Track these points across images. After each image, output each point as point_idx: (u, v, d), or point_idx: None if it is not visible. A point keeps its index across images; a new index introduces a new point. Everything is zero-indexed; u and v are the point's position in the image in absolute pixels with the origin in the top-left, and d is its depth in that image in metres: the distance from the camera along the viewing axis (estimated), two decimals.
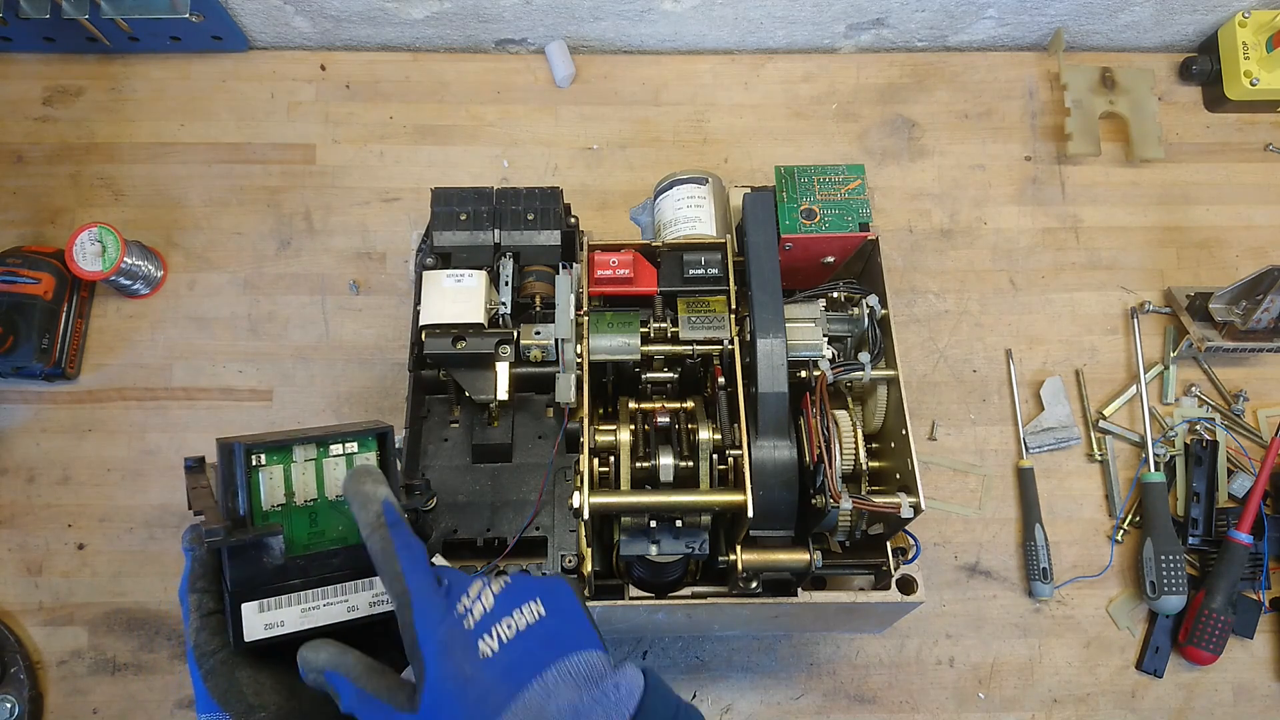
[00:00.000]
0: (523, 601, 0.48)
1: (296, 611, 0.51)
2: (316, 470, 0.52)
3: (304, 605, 0.51)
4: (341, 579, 0.52)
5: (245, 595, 0.49)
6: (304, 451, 0.52)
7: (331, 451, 0.53)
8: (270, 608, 0.50)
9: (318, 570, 0.51)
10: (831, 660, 0.87)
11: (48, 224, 0.97)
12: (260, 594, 0.50)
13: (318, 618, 0.51)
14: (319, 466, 0.53)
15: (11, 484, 0.90)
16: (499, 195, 0.77)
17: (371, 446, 0.54)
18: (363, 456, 0.53)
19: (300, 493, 0.52)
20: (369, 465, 0.54)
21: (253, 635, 0.49)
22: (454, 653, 0.45)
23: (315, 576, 0.51)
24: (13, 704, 0.82)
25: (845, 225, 0.75)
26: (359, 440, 0.53)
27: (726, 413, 0.70)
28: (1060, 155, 1.03)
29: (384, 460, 0.54)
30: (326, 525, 0.53)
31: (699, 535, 0.67)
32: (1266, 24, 1.00)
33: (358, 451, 0.53)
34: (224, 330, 0.95)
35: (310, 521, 0.52)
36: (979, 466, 0.93)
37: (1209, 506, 0.89)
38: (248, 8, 0.98)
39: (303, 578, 0.51)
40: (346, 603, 0.52)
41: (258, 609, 0.50)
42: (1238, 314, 0.91)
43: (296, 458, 0.52)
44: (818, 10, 1.01)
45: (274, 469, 0.52)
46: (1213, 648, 0.85)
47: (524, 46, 1.06)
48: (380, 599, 0.53)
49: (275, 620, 0.50)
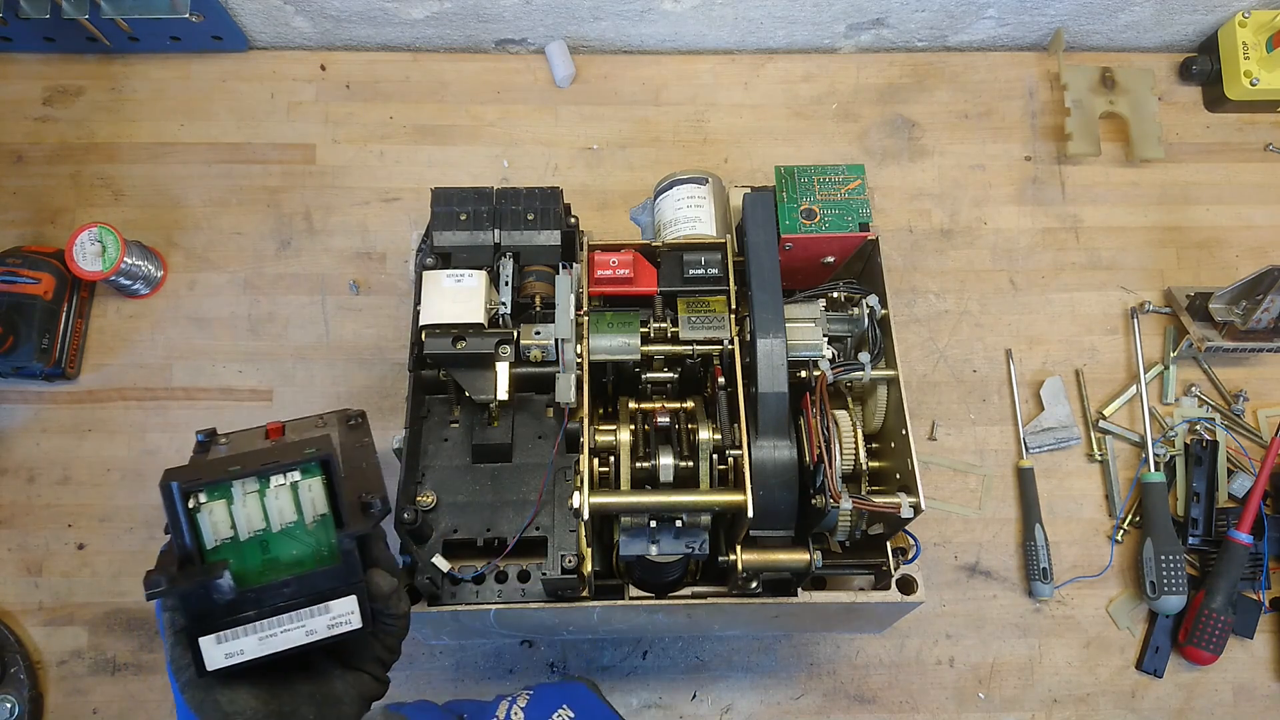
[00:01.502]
0: (552, 711, 0.52)
1: (255, 640, 0.51)
2: (260, 501, 0.51)
3: (261, 634, 0.51)
4: (296, 606, 0.52)
5: (201, 630, 0.50)
6: (244, 486, 0.51)
7: (273, 483, 0.52)
8: (228, 639, 0.50)
9: (271, 600, 0.51)
10: (831, 660, 0.87)
11: (48, 224, 0.97)
12: (216, 627, 0.50)
13: (277, 644, 0.51)
14: (261, 497, 0.52)
15: (11, 484, 0.90)
16: (499, 195, 0.77)
17: (315, 473, 0.52)
18: (307, 484, 0.52)
19: (246, 526, 0.51)
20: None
21: (214, 665, 0.50)
22: None
23: (269, 606, 0.51)
24: (13, 704, 0.82)
25: (845, 225, 0.75)
26: (302, 469, 0.52)
27: (726, 413, 0.70)
28: (1060, 155, 1.03)
29: (331, 487, 0.52)
30: (280, 551, 0.52)
31: (699, 535, 0.67)
32: (1266, 24, 1.00)
33: (301, 479, 0.52)
34: (224, 330, 0.95)
35: (262, 549, 0.52)
36: (979, 466, 0.93)
37: (1209, 506, 0.89)
38: (248, 8, 0.98)
39: (256, 609, 0.51)
40: (304, 627, 0.52)
41: (215, 641, 0.50)
42: (1238, 314, 0.91)
43: (236, 494, 0.51)
44: (818, 10, 1.01)
45: (215, 505, 0.51)
46: (1213, 648, 0.85)
47: (524, 46, 1.06)
48: (338, 621, 0.53)
49: (235, 650, 0.51)
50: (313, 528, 0.53)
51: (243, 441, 0.62)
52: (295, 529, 0.52)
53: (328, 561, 0.53)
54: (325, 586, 0.52)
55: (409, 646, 0.85)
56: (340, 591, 0.52)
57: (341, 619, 0.53)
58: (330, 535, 0.53)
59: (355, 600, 0.53)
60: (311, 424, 0.65)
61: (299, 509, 0.52)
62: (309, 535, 0.53)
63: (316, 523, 0.53)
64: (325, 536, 0.53)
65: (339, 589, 0.52)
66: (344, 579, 0.52)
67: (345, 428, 0.65)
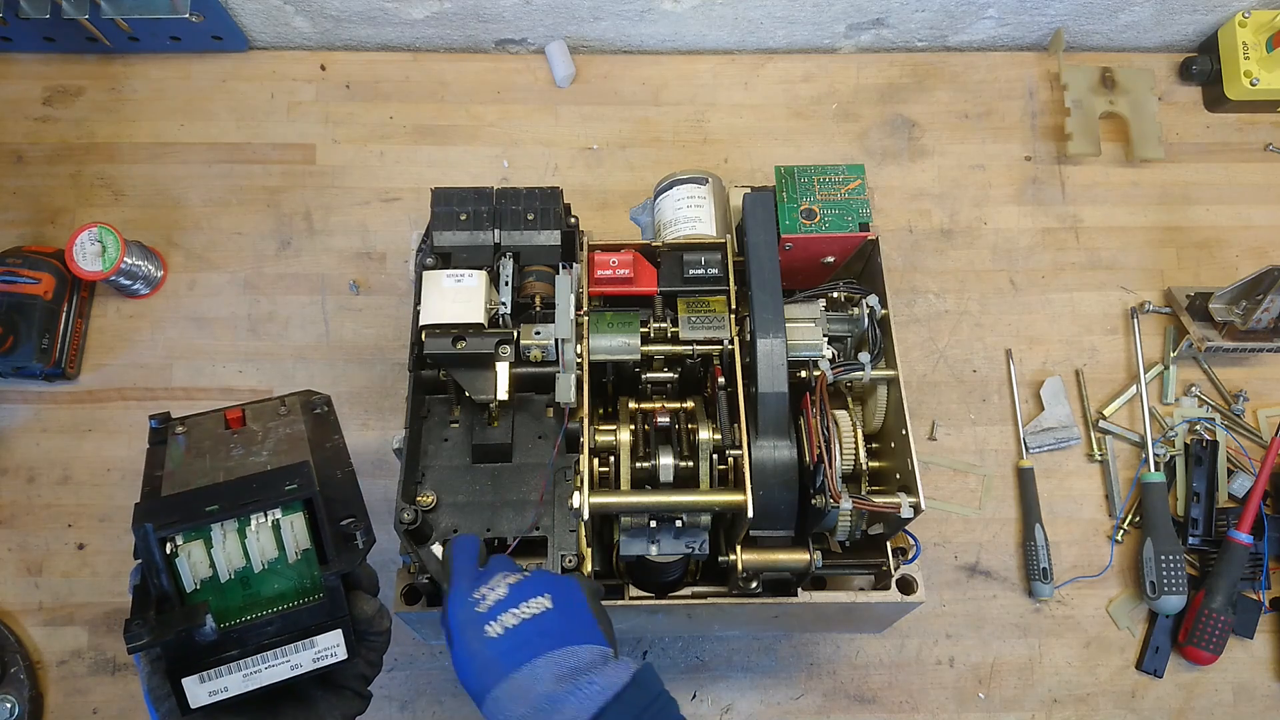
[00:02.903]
0: (533, 595, 0.54)
1: (239, 677, 0.50)
2: (240, 542, 0.50)
3: (245, 671, 0.50)
4: (281, 644, 0.51)
5: (183, 671, 0.49)
6: (223, 528, 0.50)
7: (254, 522, 0.50)
8: (211, 678, 0.49)
9: (255, 638, 0.50)
10: (831, 660, 0.87)
11: (48, 224, 0.97)
12: (199, 668, 0.49)
13: (262, 679, 0.50)
14: (242, 539, 0.50)
15: (11, 484, 0.90)
16: (499, 195, 0.77)
17: (297, 509, 0.51)
18: (289, 521, 0.51)
19: (226, 566, 0.50)
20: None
21: (198, 703, 0.49)
22: (466, 630, 0.52)
23: (253, 645, 0.50)
24: (13, 704, 0.82)
25: (845, 225, 0.75)
26: (283, 507, 0.51)
27: (726, 413, 0.70)
28: (1060, 155, 1.03)
29: (314, 525, 0.52)
30: (262, 587, 0.51)
31: (699, 535, 0.67)
32: (1266, 24, 1.00)
33: (283, 516, 0.51)
34: (224, 330, 0.95)
35: (243, 586, 0.51)
36: (979, 466, 0.93)
37: (1209, 506, 0.89)
38: (248, 8, 0.98)
39: (239, 648, 0.50)
40: (289, 662, 0.51)
41: (199, 680, 0.49)
42: (1238, 314, 0.91)
43: (215, 536, 0.50)
44: (818, 10, 1.01)
45: (193, 547, 0.49)
46: (1213, 648, 0.85)
47: (524, 46, 1.06)
48: (323, 655, 0.52)
49: (219, 688, 0.50)
50: (295, 563, 0.52)
51: (201, 431, 0.60)
52: (277, 564, 0.51)
53: (311, 594, 0.52)
54: (309, 623, 0.51)
55: (410, 647, 0.85)
56: (325, 626, 0.52)
57: (327, 652, 0.52)
58: (313, 568, 0.52)
59: (340, 634, 0.52)
60: (273, 410, 0.63)
61: (280, 547, 0.51)
62: (291, 570, 0.52)
63: (299, 558, 0.52)
64: (308, 569, 0.52)
65: (324, 624, 0.52)
66: (329, 614, 0.52)
67: (310, 416, 0.63)
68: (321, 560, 0.52)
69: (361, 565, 0.55)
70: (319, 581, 0.52)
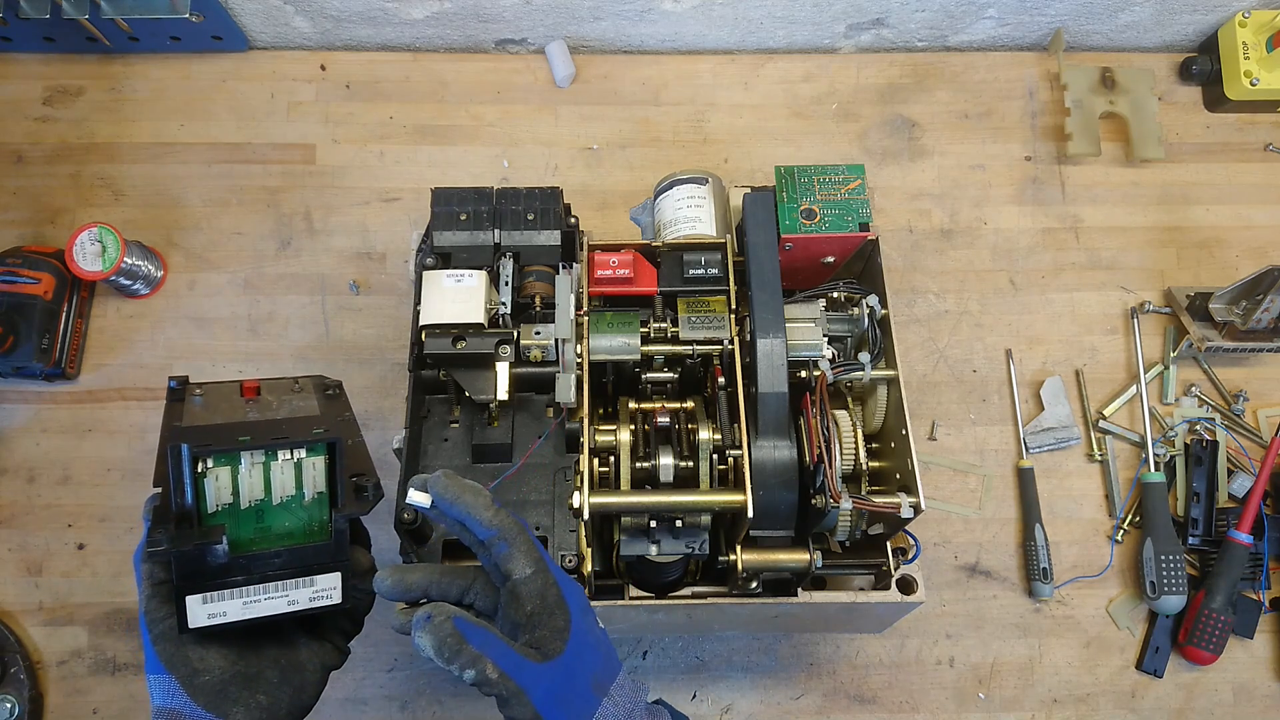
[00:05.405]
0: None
1: (239, 604, 0.52)
2: (264, 473, 0.53)
3: (246, 599, 0.52)
4: (283, 577, 0.53)
5: (190, 589, 0.51)
6: (252, 458, 0.53)
7: (280, 457, 0.53)
8: (213, 600, 0.52)
9: (260, 568, 0.53)
10: (831, 660, 0.87)
11: (48, 224, 0.97)
12: (204, 588, 0.51)
13: (259, 609, 0.53)
14: (266, 469, 0.53)
15: (11, 484, 0.90)
16: (499, 195, 0.77)
17: (320, 452, 0.54)
18: (311, 462, 0.54)
19: (247, 495, 0.53)
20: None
21: (196, 623, 0.51)
22: (588, 614, 0.54)
23: (258, 574, 0.52)
24: (13, 704, 0.82)
25: (845, 225, 0.75)
26: (308, 448, 0.54)
27: (726, 413, 0.70)
28: (1060, 155, 1.03)
29: (331, 469, 0.54)
30: (274, 522, 0.54)
31: (699, 535, 0.67)
32: (1266, 24, 1.00)
33: (306, 457, 0.54)
34: (224, 330, 0.95)
35: (256, 518, 0.53)
36: (979, 466, 0.93)
37: (1209, 506, 0.89)
38: (248, 8, 0.98)
39: (245, 575, 0.52)
40: (288, 597, 0.53)
41: (201, 601, 0.51)
42: (1238, 314, 0.91)
43: (244, 464, 0.53)
44: (818, 10, 1.01)
45: (220, 471, 0.52)
46: (1213, 648, 0.85)
47: (524, 46, 1.06)
48: (320, 595, 0.54)
49: (218, 611, 0.52)
50: (309, 504, 0.54)
51: (217, 396, 0.63)
52: (292, 502, 0.54)
53: (318, 537, 0.54)
54: (313, 561, 0.54)
55: (410, 647, 0.85)
56: (327, 567, 0.54)
57: (323, 593, 0.54)
58: (324, 512, 0.55)
59: (339, 577, 0.55)
60: (288, 386, 0.66)
61: (300, 485, 0.54)
62: (304, 510, 0.54)
63: (313, 499, 0.54)
64: (319, 513, 0.55)
65: (326, 565, 0.54)
66: (332, 556, 0.54)
67: (323, 396, 0.66)
68: (334, 506, 0.55)
69: (361, 527, 0.60)
70: (326, 526, 0.55)
